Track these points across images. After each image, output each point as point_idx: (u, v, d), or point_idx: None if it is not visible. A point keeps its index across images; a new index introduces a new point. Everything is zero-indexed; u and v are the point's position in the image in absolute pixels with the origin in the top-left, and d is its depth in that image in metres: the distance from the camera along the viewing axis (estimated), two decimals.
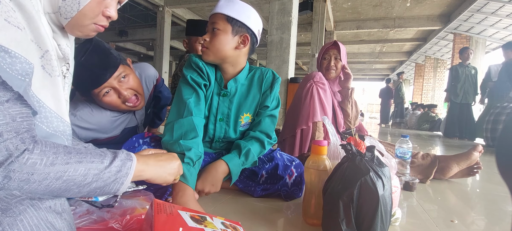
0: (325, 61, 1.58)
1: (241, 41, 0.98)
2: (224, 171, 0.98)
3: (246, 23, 0.96)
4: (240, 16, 0.95)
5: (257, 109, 1.09)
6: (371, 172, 0.69)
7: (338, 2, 6.81)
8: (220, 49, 0.96)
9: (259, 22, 1.02)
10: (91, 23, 0.56)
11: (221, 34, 0.95)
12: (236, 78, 1.04)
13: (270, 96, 1.08)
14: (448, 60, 10.58)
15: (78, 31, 0.57)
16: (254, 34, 1.00)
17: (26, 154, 0.44)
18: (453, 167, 1.47)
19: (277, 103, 1.12)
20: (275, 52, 3.69)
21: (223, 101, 1.05)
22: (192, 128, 0.93)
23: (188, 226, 0.50)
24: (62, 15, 0.53)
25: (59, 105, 0.54)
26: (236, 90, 1.06)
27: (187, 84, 0.99)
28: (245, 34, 0.98)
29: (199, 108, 0.98)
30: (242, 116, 1.07)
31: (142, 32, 10.37)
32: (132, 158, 0.58)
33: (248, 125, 1.10)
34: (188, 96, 0.97)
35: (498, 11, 6.41)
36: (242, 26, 0.97)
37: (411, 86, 13.50)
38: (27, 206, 0.42)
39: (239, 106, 1.07)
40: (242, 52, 1.01)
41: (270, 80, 1.09)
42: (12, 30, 0.42)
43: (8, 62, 0.41)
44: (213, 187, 0.97)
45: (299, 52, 10.00)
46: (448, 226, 0.92)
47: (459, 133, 4.51)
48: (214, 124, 1.06)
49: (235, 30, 0.96)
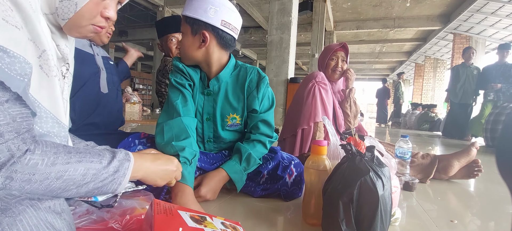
0: (333, 62, 1.58)
1: (202, 39, 0.94)
2: (224, 179, 0.99)
3: (202, 19, 0.90)
4: (196, 12, 0.89)
5: (245, 112, 1.05)
6: (371, 172, 0.69)
7: (338, 2, 6.82)
8: (186, 52, 0.97)
9: (224, 11, 0.91)
10: (88, 24, 0.55)
11: (184, 37, 0.95)
12: (218, 77, 1.01)
13: (258, 98, 1.02)
14: (448, 60, 10.60)
15: (76, 32, 0.56)
16: (217, 27, 0.92)
17: (28, 155, 0.44)
18: (455, 164, 1.48)
19: (270, 104, 1.07)
20: (275, 52, 3.69)
21: (208, 100, 1.04)
22: (182, 129, 0.93)
23: (188, 226, 0.50)
24: (60, 16, 0.53)
25: (56, 106, 0.53)
26: (219, 88, 1.03)
27: (172, 87, 1.00)
28: (202, 31, 0.92)
29: (187, 108, 0.98)
30: (228, 116, 1.04)
31: (142, 32, 10.37)
32: (130, 158, 0.58)
33: (237, 126, 1.07)
34: (175, 99, 0.97)
35: (498, 11, 6.42)
36: (199, 23, 0.91)
37: (411, 86, 13.50)
38: (26, 206, 0.42)
39: (223, 106, 1.04)
40: (211, 49, 0.96)
41: (255, 81, 1.03)
42: (10, 30, 0.42)
43: (7, 62, 0.41)
44: (214, 195, 0.97)
45: (299, 52, 10.00)
46: (448, 226, 0.92)
47: (458, 132, 4.51)
48: (202, 123, 1.05)
49: (193, 29, 0.93)
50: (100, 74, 1.21)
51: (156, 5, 7.26)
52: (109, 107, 1.24)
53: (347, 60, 1.60)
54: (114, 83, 1.28)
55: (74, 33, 0.57)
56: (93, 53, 1.20)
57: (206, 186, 0.94)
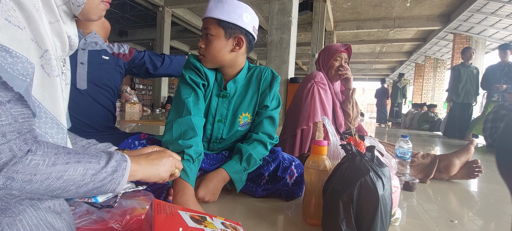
0: (337, 62, 1.58)
1: (236, 43, 0.96)
2: (225, 179, 0.98)
3: (238, 24, 0.92)
4: (230, 17, 0.91)
5: (256, 109, 1.08)
6: (371, 172, 0.69)
7: (338, 2, 6.82)
8: (216, 56, 0.95)
9: (253, 18, 0.98)
10: (100, 2, 0.58)
11: (215, 40, 0.93)
12: (235, 79, 1.03)
13: (270, 95, 1.06)
14: (448, 60, 10.60)
15: (93, 14, 0.59)
16: (249, 33, 0.97)
17: (30, 155, 0.44)
18: (456, 163, 1.49)
19: (277, 104, 1.10)
20: (275, 52, 3.69)
21: (223, 103, 1.05)
22: (190, 127, 0.93)
23: (188, 226, 0.50)
24: (74, 4, 0.55)
25: (56, 107, 0.54)
26: (235, 91, 1.05)
27: (185, 84, 0.99)
28: (239, 35, 0.95)
29: (198, 107, 0.98)
30: (241, 116, 1.06)
31: (142, 32, 10.38)
32: (126, 158, 0.58)
33: (247, 125, 1.09)
34: (186, 96, 0.97)
35: (498, 11, 6.42)
36: (235, 28, 0.93)
37: (411, 86, 13.52)
38: (26, 206, 0.42)
39: (238, 106, 1.06)
40: (239, 53, 0.99)
41: (269, 79, 1.07)
42: (13, 30, 0.42)
43: (10, 62, 0.41)
44: (213, 196, 0.97)
45: (299, 52, 10.01)
46: (448, 226, 0.92)
47: (459, 133, 4.51)
48: (212, 124, 1.06)
49: (228, 33, 0.93)
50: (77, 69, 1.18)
51: (156, 5, 7.26)
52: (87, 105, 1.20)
53: (348, 62, 1.61)
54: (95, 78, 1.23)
55: (91, 16, 0.59)
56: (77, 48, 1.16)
57: (204, 188, 0.94)
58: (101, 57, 1.24)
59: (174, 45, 10.94)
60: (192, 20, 8.31)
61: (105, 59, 1.26)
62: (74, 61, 1.17)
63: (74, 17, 0.59)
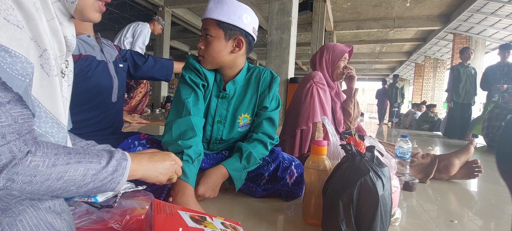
0: (342, 63, 1.59)
1: (235, 44, 0.96)
2: (224, 176, 0.98)
3: (238, 25, 0.92)
4: (230, 18, 0.91)
5: (255, 110, 1.08)
6: (371, 172, 0.69)
7: (338, 2, 6.82)
8: (216, 57, 0.95)
9: (253, 19, 0.98)
10: (94, 1, 0.57)
11: (214, 41, 0.93)
12: (234, 80, 1.04)
13: (269, 96, 1.06)
14: (448, 60, 10.60)
15: (87, 13, 0.57)
16: (249, 34, 0.97)
17: (29, 157, 0.43)
18: (455, 163, 1.49)
19: (277, 104, 1.10)
20: (275, 52, 3.69)
21: (222, 103, 1.05)
22: (190, 128, 0.93)
23: (188, 226, 0.50)
24: (68, 1, 0.53)
25: (56, 106, 0.53)
26: (235, 92, 1.05)
27: (185, 84, 0.99)
28: (238, 37, 0.95)
29: (197, 108, 0.98)
30: (240, 117, 1.06)
31: None
32: (127, 157, 0.58)
33: (247, 126, 1.09)
34: (186, 96, 0.97)
35: (497, 11, 6.42)
36: (235, 29, 0.93)
37: (411, 86, 13.51)
38: (26, 206, 0.42)
39: (237, 107, 1.06)
40: (239, 54, 0.99)
41: (268, 80, 1.07)
42: (12, 29, 0.41)
43: (9, 62, 0.41)
44: (213, 192, 0.96)
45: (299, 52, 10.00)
46: (448, 226, 0.92)
47: (460, 133, 4.51)
48: (212, 125, 1.06)
49: (227, 34, 0.93)
50: (113, 83, 1.19)
51: (156, 5, 7.25)
52: (116, 115, 1.23)
53: (348, 61, 1.63)
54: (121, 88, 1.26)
55: (85, 15, 0.58)
56: (106, 61, 1.19)
57: (203, 184, 0.94)
58: (118, 66, 1.25)
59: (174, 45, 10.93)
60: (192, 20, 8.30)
61: (121, 67, 1.28)
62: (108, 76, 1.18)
63: (71, 17, 0.58)
